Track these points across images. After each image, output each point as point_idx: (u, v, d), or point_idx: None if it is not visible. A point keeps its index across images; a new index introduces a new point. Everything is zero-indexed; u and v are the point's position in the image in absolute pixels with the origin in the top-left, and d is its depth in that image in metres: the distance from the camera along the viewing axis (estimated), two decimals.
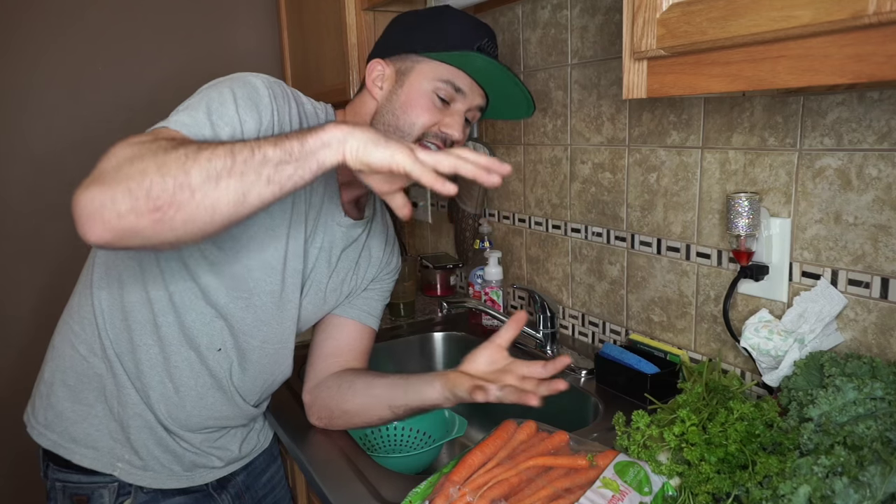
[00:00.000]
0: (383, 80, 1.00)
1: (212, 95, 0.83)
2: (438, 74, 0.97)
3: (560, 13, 1.39)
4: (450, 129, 0.97)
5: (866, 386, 0.77)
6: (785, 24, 0.58)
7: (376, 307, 1.16)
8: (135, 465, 0.98)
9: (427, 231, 2.08)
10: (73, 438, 0.98)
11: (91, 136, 1.92)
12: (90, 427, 0.98)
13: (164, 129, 0.78)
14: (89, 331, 0.97)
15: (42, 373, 1.03)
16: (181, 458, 1.01)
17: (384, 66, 1.00)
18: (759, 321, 0.99)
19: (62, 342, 1.00)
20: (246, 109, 0.83)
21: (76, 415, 0.98)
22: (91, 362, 0.97)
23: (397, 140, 0.71)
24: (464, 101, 0.99)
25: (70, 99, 1.90)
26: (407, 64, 0.99)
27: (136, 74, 1.97)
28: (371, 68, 1.01)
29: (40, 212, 1.90)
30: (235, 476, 1.10)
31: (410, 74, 0.98)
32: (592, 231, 1.39)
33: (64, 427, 0.98)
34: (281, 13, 2.08)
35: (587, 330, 1.44)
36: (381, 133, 0.72)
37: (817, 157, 0.95)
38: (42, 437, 0.99)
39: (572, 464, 0.81)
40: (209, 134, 0.79)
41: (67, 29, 1.87)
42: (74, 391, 0.98)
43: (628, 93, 0.78)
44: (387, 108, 0.98)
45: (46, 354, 1.04)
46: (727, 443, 0.78)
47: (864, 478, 0.65)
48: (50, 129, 1.89)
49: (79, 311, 0.99)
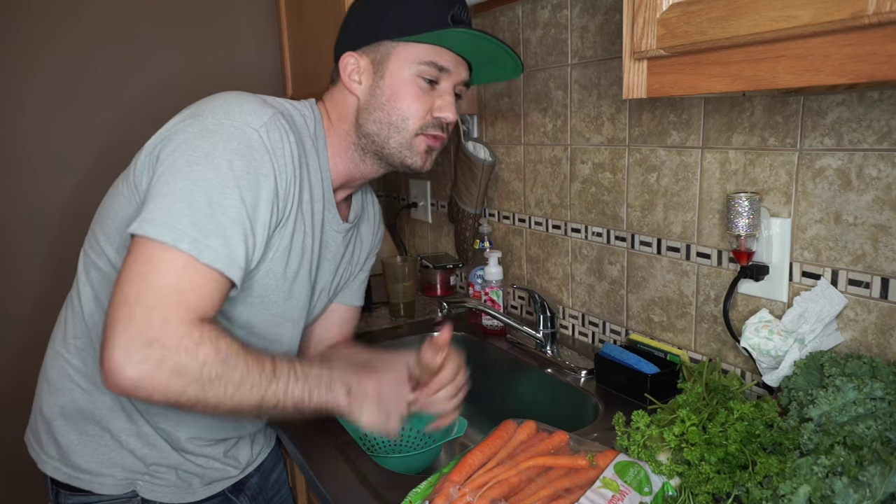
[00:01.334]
0: (360, 74, 0.96)
1: (213, 191, 0.78)
2: (418, 57, 0.93)
3: (560, 13, 1.39)
4: (443, 113, 0.96)
5: (866, 386, 0.77)
6: (785, 24, 0.58)
7: (362, 286, 1.21)
8: (155, 484, 0.97)
9: (427, 231, 2.07)
10: (86, 470, 0.95)
11: (90, 137, 1.92)
12: (102, 457, 0.95)
13: (205, 282, 0.77)
14: (88, 363, 0.94)
15: (39, 406, 0.99)
16: (201, 475, 1.00)
17: (358, 58, 0.96)
18: (759, 321, 0.99)
19: (59, 376, 0.96)
20: (249, 193, 0.81)
21: (84, 447, 0.95)
22: (93, 395, 0.94)
23: (396, 408, 0.91)
24: (449, 79, 0.96)
25: (70, 100, 1.90)
26: (381, 52, 0.95)
27: (136, 75, 1.96)
28: (344, 63, 0.97)
29: (40, 212, 1.90)
30: (250, 478, 1.10)
31: (388, 63, 0.94)
32: (592, 231, 1.39)
33: (74, 460, 0.95)
34: (281, 13, 2.08)
35: (587, 330, 1.44)
36: (385, 398, 0.90)
37: (817, 157, 0.95)
38: (57, 471, 0.96)
39: (572, 464, 0.81)
40: (232, 254, 0.79)
41: (67, 30, 1.87)
42: (78, 424, 0.95)
43: (628, 93, 0.78)
44: (372, 104, 0.95)
45: (41, 386, 1.00)
46: (727, 443, 0.78)
47: (864, 478, 0.65)
48: (50, 132, 1.89)
49: (74, 342, 0.95)
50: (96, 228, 0.94)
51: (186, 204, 0.77)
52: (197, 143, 0.81)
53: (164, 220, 0.76)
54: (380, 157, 0.99)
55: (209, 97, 0.88)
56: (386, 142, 0.97)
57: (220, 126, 0.82)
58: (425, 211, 2.04)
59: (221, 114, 0.83)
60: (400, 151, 0.97)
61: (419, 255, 1.92)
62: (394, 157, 0.98)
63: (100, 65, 1.92)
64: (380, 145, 0.97)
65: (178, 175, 0.79)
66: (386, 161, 0.99)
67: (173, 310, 0.74)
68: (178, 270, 0.75)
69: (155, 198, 0.78)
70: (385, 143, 0.97)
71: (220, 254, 0.78)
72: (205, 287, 0.77)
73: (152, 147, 0.85)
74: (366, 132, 0.97)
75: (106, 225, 0.92)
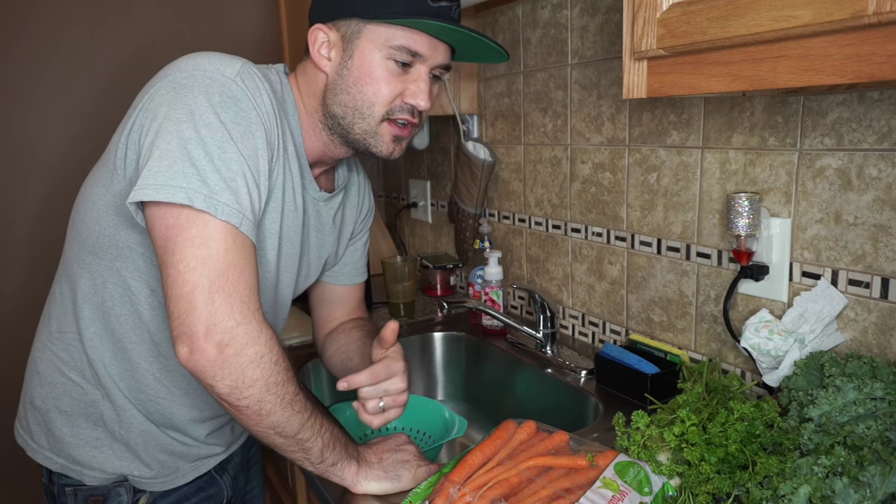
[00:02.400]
0: (329, 49, 0.90)
1: (210, 147, 0.75)
2: (389, 40, 0.86)
3: (560, 13, 1.39)
4: (414, 99, 0.89)
5: (866, 386, 0.77)
6: (785, 23, 0.58)
7: (363, 262, 1.20)
8: (144, 477, 0.97)
9: (427, 231, 2.07)
10: (78, 461, 0.95)
11: (76, 133, 1.91)
12: (94, 450, 0.95)
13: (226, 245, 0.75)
14: (77, 357, 0.93)
15: (31, 398, 0.99)
16: (186, 455, 1.00)
17: (327, 32, 0.89)
18: (759, 321, 0.99)
19: (49, 369, 0.96)
20: (244, 145, 0.79)
21: (77, 439, 0.95)
22: (85, 388, 0.94)
23: (404, 467, 0.89)
24: (424, 63, 0.89)
25: (65, 89, 1.89)
26: (352, 28, 0.88)
27: (132, 61, 1.96)
28: (313, 36, 0.90)
29: (40, 213, 1.90)
30: (234, 458, 1.11)
31: (358, 41, 0.87)
32: (592, 231, 1.39)
33: (67, 452, 0.96)
34: (281, 13, 2.08)
35: (587, 330, 1.44)
36: (389, 463, 0.89)
37: (817, 157, 0.95)
38: (49, 461, 0.97)
39: (572, 464, 0.81)
40: (239, 200, 0.77)
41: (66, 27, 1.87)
42: (71, 417, 0.95)
43: (628, 93, 0.78)
44: (339, 84, 0.90)
45: (30, 379, 0.99)
46: (727, 443, 0.78)
47: (864, 478, 0.65)
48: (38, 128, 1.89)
49: (61, 337, 0.94)
50: (76, 220, 0.92)
51: (188, 162, 0.74)
52: (175, 100, 0.77)
53: (171, 183, 0.73)
54: (346, 141, 0.94)
55: (172, 62, 0.84)
56: (350, 127, 0.92)
57: (192, 79, 0.78)
58: (425, 211, 2.04)
59: (190, 67, 0.80)
60: (364, 139, 0.92)
61: (419, 255, 1.92)
62: (358, 144, 0.93)
63: (100, 63, 1.93)
64: (345, 129, 0.92)
65: (169, 136, 0.75)
66: (352, 146, 0.95)
67: (240, 295, 0.75)
68: (228, 242, 0.75)
69: (151, 162, 0.74)
70: (350, 127, 0.92)
71: (233, 209, 0.76)
72: (248, 258, 0.77)
73: (130, 124, 0.82)
74: (332, 113, 0.92)
75: (84, 213, 0.90)
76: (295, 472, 1.22)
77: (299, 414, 0.80)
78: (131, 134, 0.81)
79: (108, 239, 0.88)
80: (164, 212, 0.74)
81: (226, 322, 0.73)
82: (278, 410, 0.78)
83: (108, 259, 0.89)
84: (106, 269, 0.89)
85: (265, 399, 0.77)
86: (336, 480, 0.86)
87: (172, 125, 0.75)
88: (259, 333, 0.76)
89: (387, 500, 0.87)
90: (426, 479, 0.85)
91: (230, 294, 0.74)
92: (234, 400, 0.76)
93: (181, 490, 1.01)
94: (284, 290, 1.03)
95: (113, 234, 0.87)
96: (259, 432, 0.79)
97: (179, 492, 1.01)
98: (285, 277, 1.01)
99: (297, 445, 0.81)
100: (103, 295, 0.90)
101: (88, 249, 0.90)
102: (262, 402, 0.76)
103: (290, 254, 0.99)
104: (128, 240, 0.87)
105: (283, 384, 0.78)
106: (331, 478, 0.86)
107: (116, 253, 0.88)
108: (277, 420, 0.78)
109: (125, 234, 0.87)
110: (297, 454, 0.82)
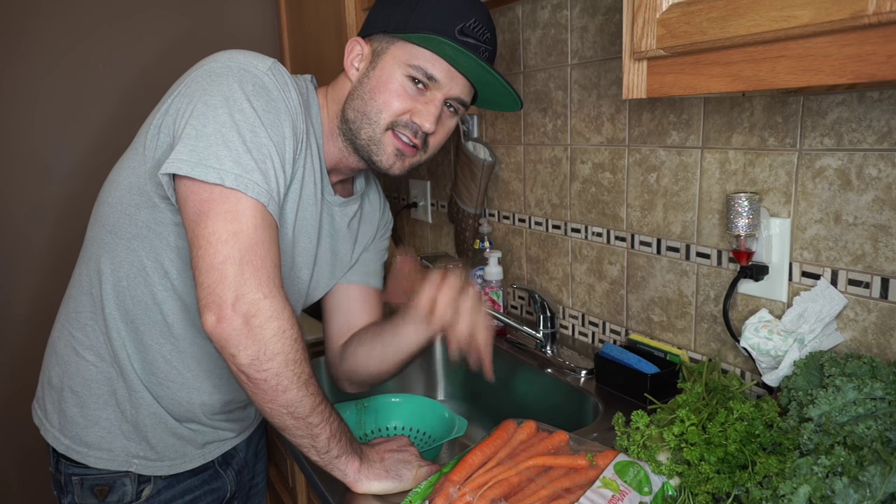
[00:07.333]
0: (360, 61, 0.96)
1: (243, 130, 0.80)
2: (409, 59, 0.91)
3: (560, 13, 1.39)
4: (420, 119, 0.93)
5: (866, 386, 0.77)
6: (785, 24, 0.58)
7: (377, 267, 1.19)
8: (150, 459, 0.98)
9: (427, 231, 2.07)
10: (85, 442, 0.97)
11: (88, 133, 1.92)
12: (102, 430, 0.97)
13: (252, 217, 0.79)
14: (93, 337, 0.96)
15: (49, 377, 1.01)
16: (193, 440, 1.01)
17: (363, 46, 0.96)
18: (758, 321, 0.99)
19: (65, 349, 0.99)
20: (274, 131, 0.84)
21: (86, 420, 0.97)
22: (100, 367, 0.96)
23: (405, 467, 0.89)
24: (439, 90, 0.93)
25: (68, 92, 1.90)
26: (382, 45, 0.94)
27: (134, 62, 1.96)
28: (350, 47, 0.97)
29: (40, 212, 1.90)
30: (238, 452, 1.11)
31: (384, 57, 0.93)
32: (592, 231, 1.39)
33: (75, 432, 0.98)
34: (281, 13, 2.08)
35: (587, 330, 1.44)
36: (392, 468, 0.89)
37: (817, 157, 0.95)
38: (57, 441, 0.99)
39: (572, 464, 0.81)
40: (268, 181, 0.82)
41: (65, 25, 1.87)
42: (82, 397, 0.97)
43: (628, 93, 0.78)
44: (358, 91, 0.95)
45: (48, 358, 1.02)
46: (727, 443, 0.78)
47: (864, 478, 0.65)
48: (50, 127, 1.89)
49: (76, 317, 0.97)
50: (99, 202, 0.96)
51: (223, 144, 0.79)
52: (210, 87, 0.82)
53: (205, 162, 0.78)
54: (355, 148, 0.97)
55: (208, 56, 0.89)
56: (358, 132, 0.95)
57: (227, 69, 0.84)
58: (425, 211, 2.04)
59: (226, 59, 0.85)
60: (368, 145, 0.95)
61: (419, 256, 1.92)
62: (363, 150, 0.96)
63: (99, 63, 1.92)
64: (354, 133, 0.96)
65: (205, 119, 0.80)
66: (359, 153, 0.98)
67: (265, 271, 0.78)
68: (256, 219, 0.79)
69: (187, 140, 0.79)
70: (357, 132, 0.95)
71: (263, 189, 0.80)
72: (273, 238, 0.81)
73: (165, 108, 0.86)
74: (346, 117, 0.96)
75: (107, 194, 0.93)
76: (295, 471, 1.22)
77: (312, 396, 0.81)
78: (166, 117, 0.86)
79: (128, 218, 0.90)
80: (198, 187, 0.78)
81: (253, 294, 0.76)
82: (294, 388, 0.79)
83: (126, 238, 0.91)
84: (124, 248, 0.92)
85: (283, 374, 0.78)
86: (338, 475, 0.86)
87: (208, 109, 0.80)
88: (283, 309, 0.78)
89: (387, 500, 0.87)
90: (427, 479, 0.85)
91: (258, 268, 0.77)
92: (254, 372, 0.77)
93: (185, 483, 1.02)
94: (298, 286, 1.03)
95: (133, 213, 0.90)
96: (272, 410, 0.80)
97: (183, 485, 1.01)
98: (302, 274, 1.02)
99: (306, 430, 0.82)
100: (119, 274, 0.93)
101: (108, 229, 0.92)
102: (280, 376, 0.78)
103: (307, 248, 1.00)
104: (147, 219, 0.89)
105: (300, 362, 0.80)
106: (333, 471, 0.86)
107: (135, 232, 0.90)
108: (292, 398, 0.79)
109: (145, 214, 0.89)
110: (306, 440, 0.83)
